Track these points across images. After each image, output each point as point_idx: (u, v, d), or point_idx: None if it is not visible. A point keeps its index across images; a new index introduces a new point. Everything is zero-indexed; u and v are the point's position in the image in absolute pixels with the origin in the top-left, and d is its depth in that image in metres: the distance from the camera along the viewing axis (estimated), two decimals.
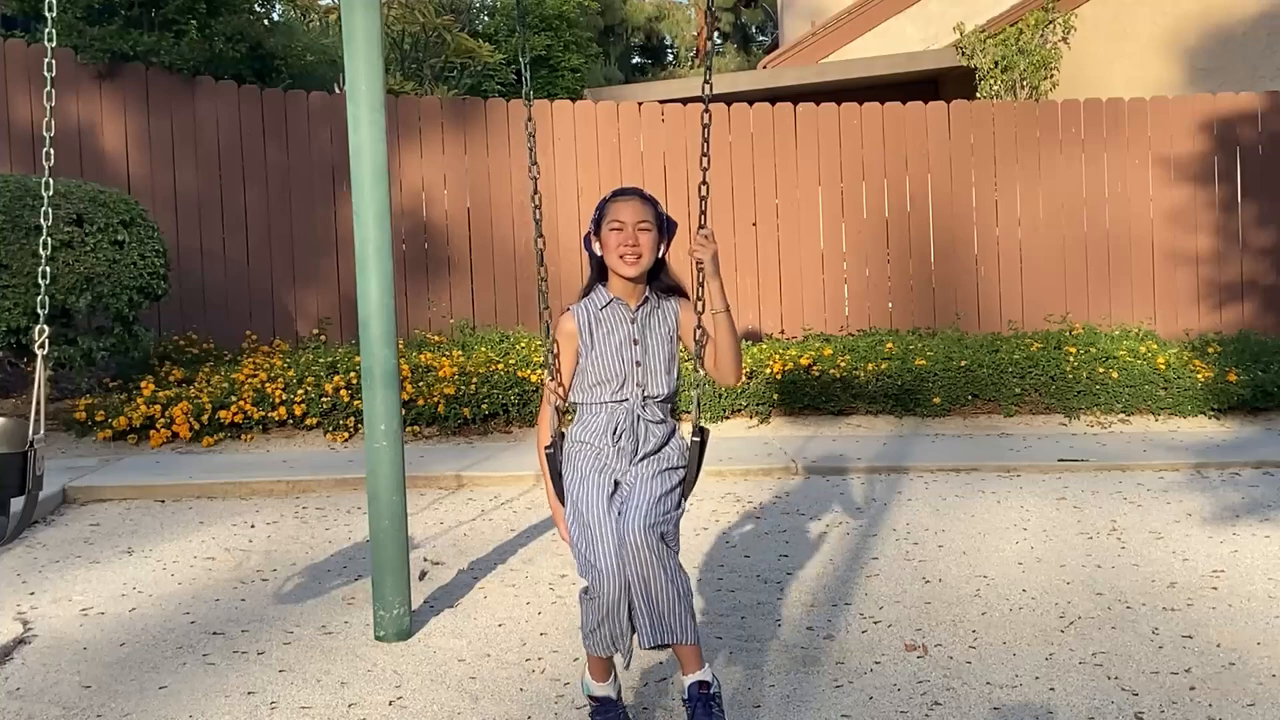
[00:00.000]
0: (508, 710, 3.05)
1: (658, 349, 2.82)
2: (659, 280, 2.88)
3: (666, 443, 2.82)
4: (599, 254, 2.85)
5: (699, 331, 2.78)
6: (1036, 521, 5.08)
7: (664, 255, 2.87)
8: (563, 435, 2.86)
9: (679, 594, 2.63)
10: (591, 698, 2.90)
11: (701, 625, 3.65)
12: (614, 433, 2.78)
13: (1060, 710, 3.01)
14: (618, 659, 2.81)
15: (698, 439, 2.80)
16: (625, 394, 2.79)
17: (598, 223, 2.84)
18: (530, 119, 3.12)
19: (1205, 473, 6.15)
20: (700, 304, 2.78)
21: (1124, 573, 4.26)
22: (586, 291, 2.89)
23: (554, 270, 9.02)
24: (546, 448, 2.85)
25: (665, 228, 2.85)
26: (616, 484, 2.76)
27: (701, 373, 2.85)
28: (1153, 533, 4.86)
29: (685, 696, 2.69)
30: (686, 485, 2.81)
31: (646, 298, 2.85)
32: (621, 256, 2.77)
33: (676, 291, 2.90)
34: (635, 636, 2.67)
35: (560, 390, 2.83)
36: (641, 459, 2.78)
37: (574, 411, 2.88)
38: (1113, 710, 3.00)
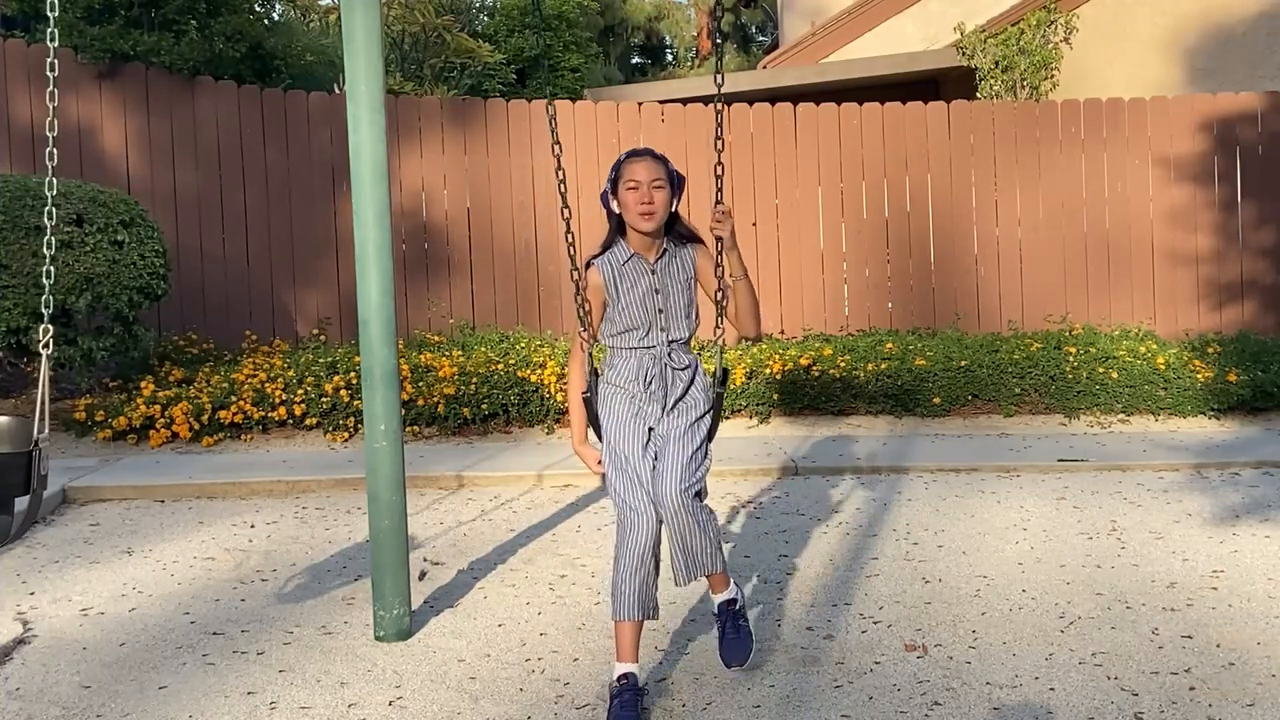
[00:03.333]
0: (508, 710, 3.05)
1: (678, 296, 3.09)
2: (674, 231, 3.13)
3: (691, 385, 3.10)
4: (617, 211, 3.08)
5: (720, 277, 3.07)
6: (1036, 521, 5.08)
7: (676, 208, 3.12)
8: (596, 374, 3.11)
9: (710, 539, 3.01)
10: (620, 677, 2.96)
11: (701, 626, 3.66)
12: (645, 379, 3.05)
13: (1060, 710, 3.01)
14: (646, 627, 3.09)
15: (719, 390, 3.11)
16: (651, 340, 3.06)
17: (614, 182, 3.07)
18: (551, 102, 3.45)
19: (1205, 473, 6.14)
20: (720, 270, 3.06)
21: (1124, 573, 4.26)
22: (607, 245, 3.11)
23: (555, 267, 9.04)
24: (584, 393, 3.10)
25: (676, 184, 3.09)
26: (650, 431, 3.04)
27: (722, 321, 3.10)
28: (1153, 533, 4.86)
29: (715, 612, 3.20)
30: (711, 433, 3.10)
31: (665, 249, 3.09)
32: (640, 214, 3.01)
33: (692, 239, 3.16)
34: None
35: (591, 338, 3.09)
36: (672, 407, 3.05)
37: (603, 352, 3.15)
38: (1113, 710, 3.00)
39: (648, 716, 3.00)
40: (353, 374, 7.06)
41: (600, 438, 3.10)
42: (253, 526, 5.13)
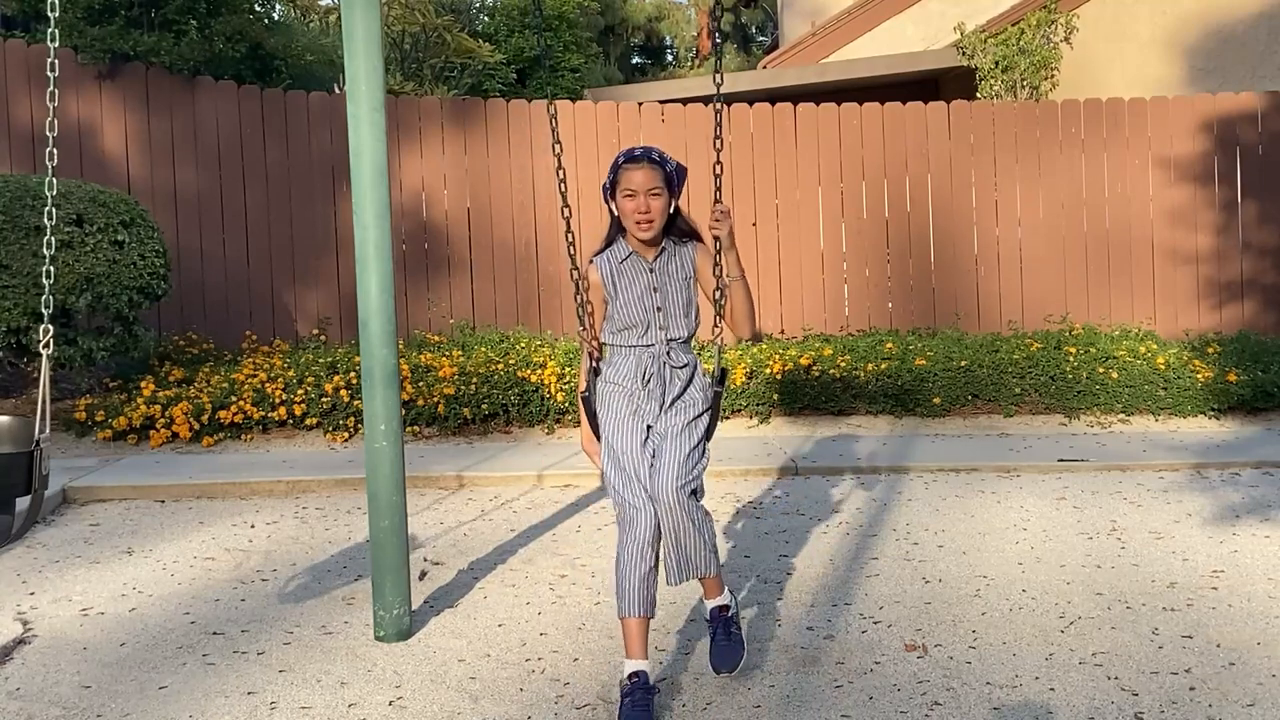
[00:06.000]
0: (508, 710, 3.05)
1: (676, 294, 3.11)
2: (674, 228, 3.13)
3: (690, 384, 3.12)
4: (615, 212, 3.10)
5: (719, 274, 3.06)
6: (1036, 521, 5.08)
7: (676, 206, 3.12)
8: (596, 373, 3.15)
9: (704, 540, 3.01)
10: (631, 675, 2.96)
11: (701, 627, 3.66)
12: (643, 377, 3.08)
13: (1060, 710, 3.01)
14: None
15: (718, 389, 3.12)
16: (650, 338, 3.09)
17: (613, 185, 3.08)
18: (551, 102, 3.61)
19: (1205, 473, 6.14)
20: (718, 269, 3.06)
21: (1124, 573, 4.26)
22: (608, 242, 3.15)
23: (553, 268, 9.03)
24: (583, 393, 3.18)
25: (676, 182, 3.09)
26: (649, 429, 3.06)
27: (720, 320, 3.11)
28: (1153, 533, 4.86)
29: (707, 617, 3.18)
30: (708, 432, 3.12)
31: (664, 248, 3.12)
32: (637, 223, 3.03)
33: (692, 235, 3.17)
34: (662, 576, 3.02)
35: (593, 338, 3.14)
36: (670, 405, 3.08)
37: (605, 354, 3.20)
38: (1113, 710, 3.00)
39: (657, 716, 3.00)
40: (353, 374, 7.06)
41: (599, 436, 3.14)
42: (253, 526, 5.13)
